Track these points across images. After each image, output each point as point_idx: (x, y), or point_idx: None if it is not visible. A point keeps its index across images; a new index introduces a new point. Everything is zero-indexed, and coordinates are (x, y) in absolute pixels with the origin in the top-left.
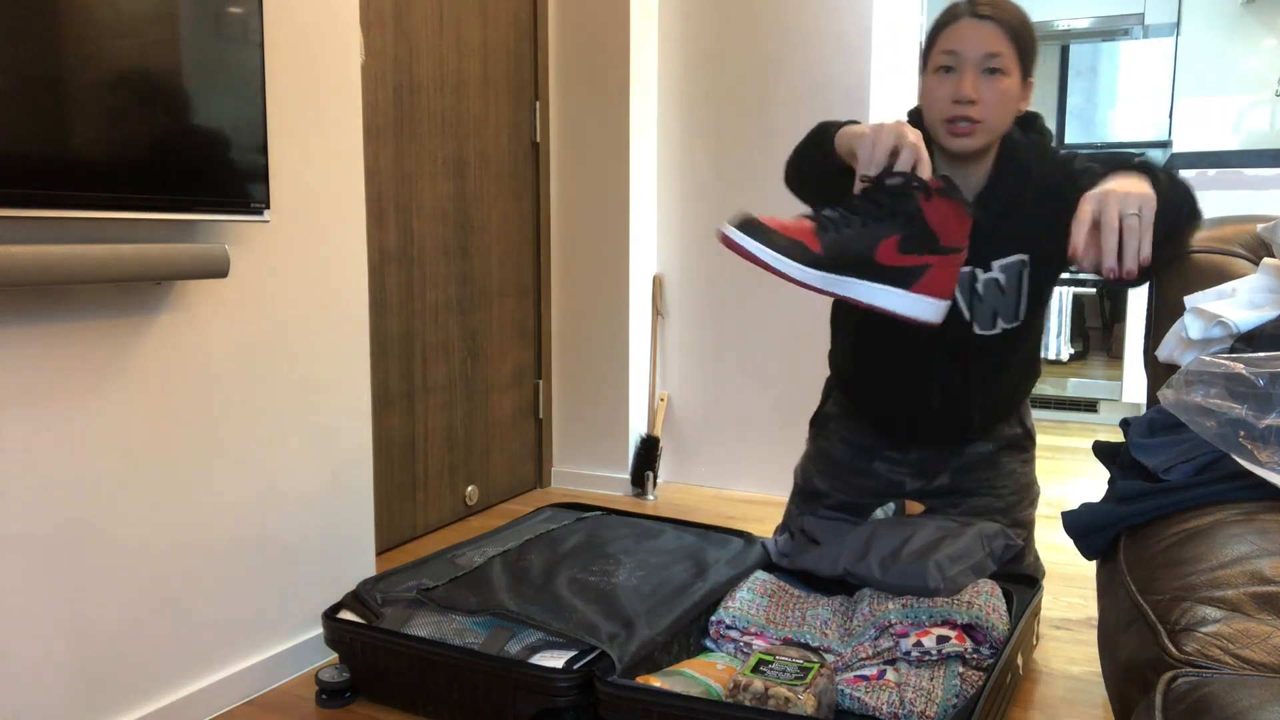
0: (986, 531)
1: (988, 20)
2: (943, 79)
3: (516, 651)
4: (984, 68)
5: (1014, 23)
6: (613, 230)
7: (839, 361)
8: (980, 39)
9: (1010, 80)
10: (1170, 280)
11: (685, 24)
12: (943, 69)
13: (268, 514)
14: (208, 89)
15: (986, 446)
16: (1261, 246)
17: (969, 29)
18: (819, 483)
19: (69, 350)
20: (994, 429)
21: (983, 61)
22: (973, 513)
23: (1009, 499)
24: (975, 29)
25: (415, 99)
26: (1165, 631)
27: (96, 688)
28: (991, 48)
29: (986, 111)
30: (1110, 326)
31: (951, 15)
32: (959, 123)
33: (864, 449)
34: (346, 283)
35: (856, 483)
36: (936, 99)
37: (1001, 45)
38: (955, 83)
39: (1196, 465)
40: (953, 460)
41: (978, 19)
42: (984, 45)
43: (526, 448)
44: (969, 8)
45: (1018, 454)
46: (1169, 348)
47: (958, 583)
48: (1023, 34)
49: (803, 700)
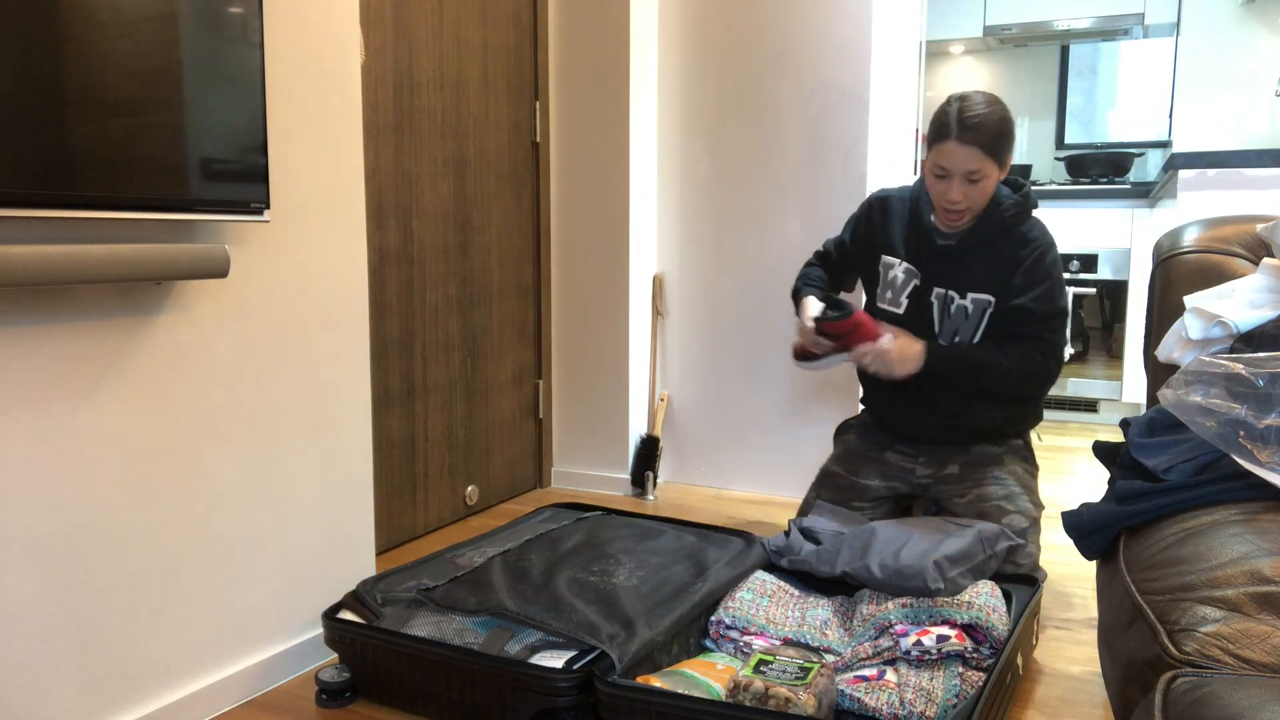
0: (987, 533)
1: (970, 146)
2: (937, 182)
3: (516, 651)
4: (967, 180)
5: (991, 139)
6: (613, 230)
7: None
8: (964, 160)
9: (990, 180)
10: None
11: (685, 24)
12: (938, 175)
13: (268, 514)
14: (208, 89)
15: (993, 449)
16: (1261, 246)
17: (955, 151)
18: (833, 465)
19: (69, 350)
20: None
21: (967, 175)
22: (979, 499)
23: (1013, 489)
24: (959, 151)
25: (415, 99)
26: (1165, 631)
27: (96, 688)
28: (973, 166)
29: (971, 205)
30: (1110, 326)
31: (942, 134)
32: (950, 215)
33: (878, 443)
34: (346, 283)
35: (869, 468)
36: (935, 194)
37: (981, 162)
38: (946, 188)
39: (1196, 465)
40: (960, 455)
41: (962, 144)
42: (967, 165)
43: (526, 448)
44: (956, 128)
45: (1022, 462)
46: (1169, 348)
47: (958, 584)
48: (999, 143)
49: (803, 700)
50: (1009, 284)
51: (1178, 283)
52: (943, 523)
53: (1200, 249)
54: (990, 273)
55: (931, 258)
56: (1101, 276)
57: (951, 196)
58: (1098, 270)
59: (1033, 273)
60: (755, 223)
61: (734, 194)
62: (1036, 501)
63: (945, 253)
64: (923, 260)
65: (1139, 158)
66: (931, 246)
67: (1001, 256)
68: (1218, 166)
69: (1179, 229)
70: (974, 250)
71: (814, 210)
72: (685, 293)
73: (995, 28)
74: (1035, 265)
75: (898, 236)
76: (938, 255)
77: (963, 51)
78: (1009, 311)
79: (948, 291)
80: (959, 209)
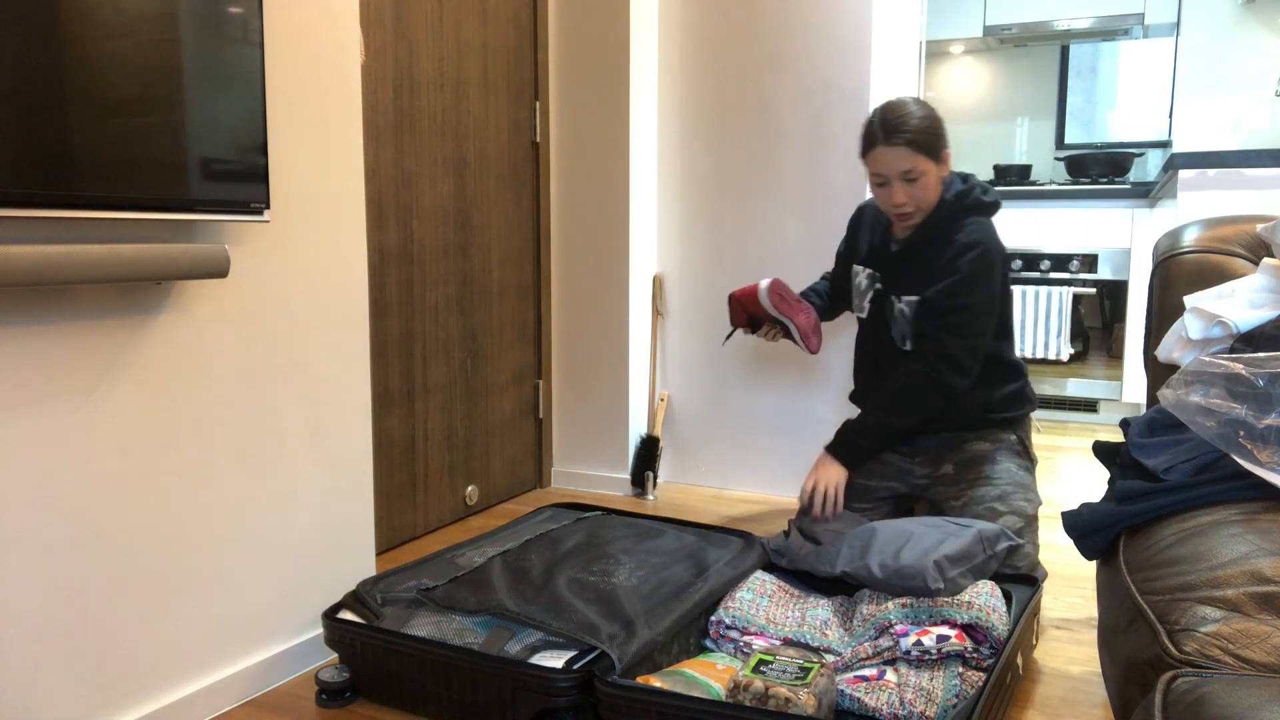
0: (988, 534)
1: (897, 146)
2: (879, 189)
3: (516, 651)
4: (904, 180)
5: (915, 136)
6: (613, 230)
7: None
8: (895, 161)
9: (928, 176)
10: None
11: (685, 24)
12: (878, 183)
13: (268, 514)
14: (208, 89)
15: (984, 445)
16: (1261, 246)
17: (885, 155)
18: None
19: (69, 350)
20: (988, 433)
21: (902, 176)
22: (972, 501)
23: (1004, 488)
24: (889, 154)
25: (415, 99)
26: (1165, 631)
27: (96, 688)
28: (905, 166)
29: (916, 204)
30: (1110, 326)
31: (870, 142)
32: (900, 217)
33: None
34: (346, 283)
35: (868, 468)
36: (881, 202)
37: (912, 161)
38: (888, 193)
39: (1196, 465)
40: (953, 454)
41: (889, 146)
42: (899, 166)
43: (526, 448)
44: (882, 135)
45: (1016, 458)
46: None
47: (958, 584)
48: (927, 140)
49: (803, 700)
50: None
51: (1178, 283)
52: (943, 523)
53: (1200, 249)
54: (923, 275)
55: (886, 262)
56: (1101, 276)
57: (895, 200)
58: (1098, 270)
59: (947, 268)
60: (755, 223)
61: (734, 194)
62: (1032, 498)
63: (896, 257)
64: (880, 265)
65: (1139, 158)
66: (887, 251)
67: (936, 258)
68: (1218, 166)
69: (1179, 229)
70: (916, 253)
71: (814, 210)
72: (685, 293)
73: (995, 28)
74: (951, 261)
75: (864, 244)
76: (891, 260)
77: (963, 51)
78: (919, 305)
79: (893, 296)
80: (906, 210)
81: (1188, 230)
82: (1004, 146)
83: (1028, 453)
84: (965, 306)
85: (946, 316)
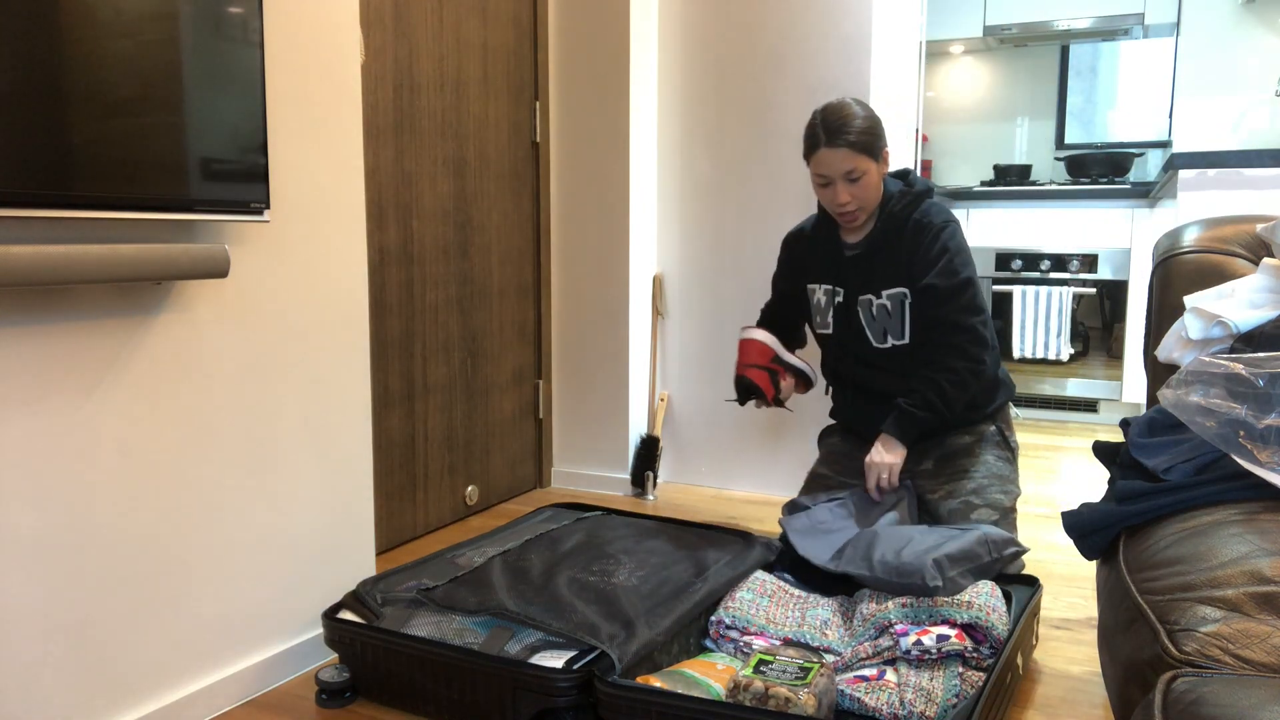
0: (994, 538)
1: (839, 148)
2: (824, 190)
3: (516, 651)
4: (848, 179)
5: (857, 137)
6: (613, 230)
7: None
8: (837, 162)
9: (870, 175)
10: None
11: (685, 24)
12: (821, 184)
13: (268, 514)
14: (208, 89)
15: (964, 439)
16: (1261, 246)
17: (828, 157)
18: (821, 468)
19: (69, 350)
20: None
21: (846, 175)
22: (948, 496)
23: (981, 480)
24: (831, 156)
25: (415, 99)
26: (1165, 631)
27: (96, 688)
28: (848, 166)
29: (860, 202)
30: (1110, 326)
31: (813, 144)
32: (845, 216)
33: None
34: (346, 283)
35: (853, 466)
36: (826, 203)
37: (854, 161)
38: (833, 194)
39: (1196, 465)
40: (934, 450)
41: (832, 148)
42: (842, 166)
43: (526, 448)
44: (825, 138)
45: (995, 450)
46: (1169, 348)
47: (958, 583)
48: (868, 140)
49: (803, 700)
50: (914, 271)
51: (1178, 283)
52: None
53: (1200, 249)
54: (897, 266)
55: (846, 269)
56: (1101, 276)
57: (840, 200)
58: (1098, 270)
59: (930, 251)
60: (755, 223)
61: (734, 194)
62: (1010, 490)
63: (856, 261)
64: (839, 275)
65: (1139, 158)
66: (843, 261)
67: (904, 248)
68: (1218, 166)
69: (1179, 229)
70: (879, 250)
71: (814, 210)
72: (685, 293)
73: (995, 28)
74: (931, 244)
75: (814, 262)
76: (850, 265)
77: (963, 51)
78: (920, 294)
79: (868, 296)
80: (851, 209)
81: (1188, 230)
82: (1004, 146)
83: (1008, 443)
84: (968, 279)
85: (955, 296)
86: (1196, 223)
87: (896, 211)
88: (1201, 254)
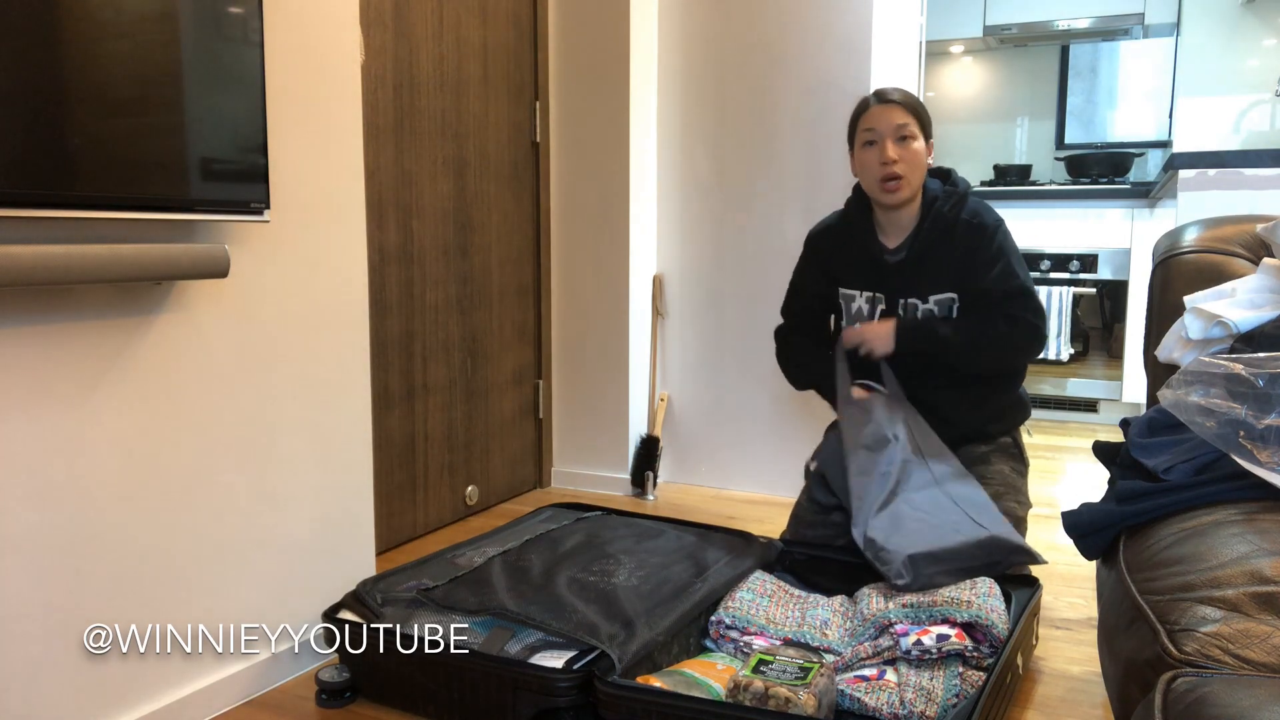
0: (1002, 543)
1: (892, 104)
2: (869, 150)
3: (516, 651)
4: (897, 136)
5: (912, 103)
6: (613, 230)
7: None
8: (890, 116)
9: (919, 143)
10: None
11: (685, 24)
12: (867, 143)
13: (268, 514)
14: (208, 89)
15: (981, 447)
16: (1261, 246)
17: (880, 111)
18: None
19: (69, 350)
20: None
21: (896, 131)
22: None
23: (996, 488)
24: (885, 110)
25: (415, 99)
26: (1165, 631)
27: (96, 688)
28: (900, 120)
29: (906, 168)
30: (1110, 326)
31: (864, 105)
32: (889, 181)
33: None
34: (346, 283)
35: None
36: (867, 165)
37: (907, 118)
38: (879, 150)
39: (1196, 465)
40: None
41: (885, 104)
42: (894, 120)
43: (526, 448)
44: (876, 98)
45: (1010, 461)
46: (1169, 348)
47: (933, 580)
48: (920, 109)
49: (803, 700)
50: (969, 275)
51: (1177, 283)
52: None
53: (1200, 249)
54: (948, 271)
55: (888, 276)
56: (1101, 276)
57: (887, 155)
58: (1098, 270)
59: (985, 254)
60: (755, 223)
61: (734, 194)
62: (1023, 500)
63: (900, 268)
64: (881, 283)
65: (1139, 158)
66: (884, 266)
67: (955, 251)
68: (1218, 166)
69: (1179, 229)
70: (926, 255)
71: (814, 210)
72: (685, 293)
73: (995, 28)
74: (985, 247)
75: (850, 267)
76: (893, 272)
77: (963, 51)
78: (974, 299)
79: (913, 300)
80: (896, 172)
81: (1188, 230)
82: (1004, 146)
83: (1021, 455)
84: (1025, 283)
85: (1015, 299)
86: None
87: (945, 212)
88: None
